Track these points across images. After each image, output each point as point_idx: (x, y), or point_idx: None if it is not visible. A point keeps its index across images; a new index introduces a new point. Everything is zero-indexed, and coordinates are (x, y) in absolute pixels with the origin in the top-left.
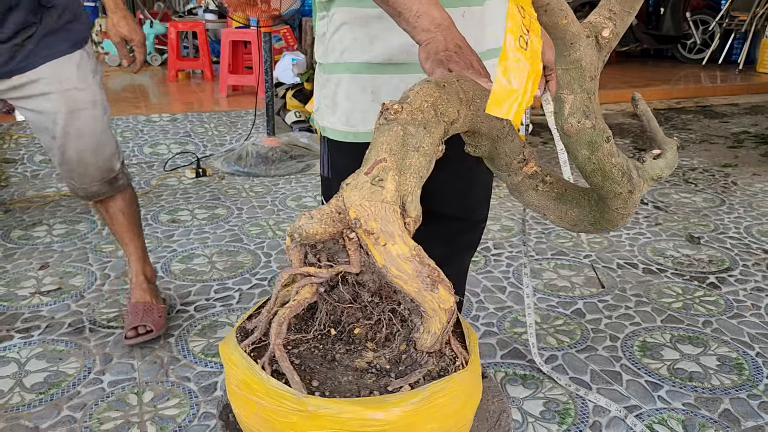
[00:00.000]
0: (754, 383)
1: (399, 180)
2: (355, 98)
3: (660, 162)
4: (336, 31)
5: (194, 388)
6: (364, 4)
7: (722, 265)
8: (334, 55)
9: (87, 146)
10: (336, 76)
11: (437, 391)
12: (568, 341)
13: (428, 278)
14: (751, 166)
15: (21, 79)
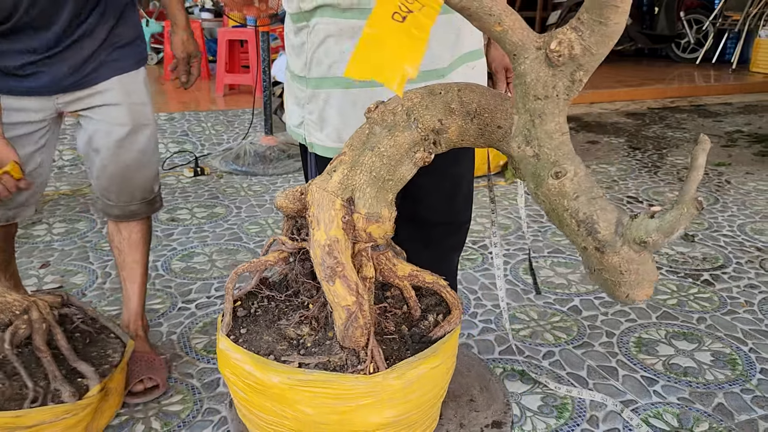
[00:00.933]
0: (747, 378)
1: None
2: (346, 113)
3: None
4: (321, 43)
5: (197, 384)
6: (349, 15)
7: (716, 262)
8: (321, 69)
9: (137, 162)
10: (324, 91)
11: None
12: (565, 337)
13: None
14: (744, 165)
15: (90, 91)
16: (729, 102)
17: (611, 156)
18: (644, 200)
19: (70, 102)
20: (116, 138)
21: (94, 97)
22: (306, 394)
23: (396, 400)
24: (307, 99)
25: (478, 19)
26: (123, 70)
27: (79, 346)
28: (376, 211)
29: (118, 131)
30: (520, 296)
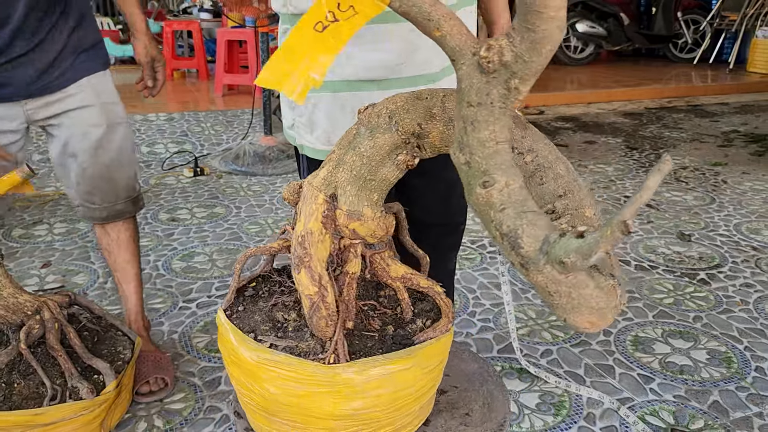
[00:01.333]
0: (742, 376)
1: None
2: (335, 117)
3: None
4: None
5: (199, 383)
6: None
7: (712, 261)
8: None
9: (116, 161)
10: (314, 96)
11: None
12: (562, 336)
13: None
14: (740, 165)
15: (60, 95)
16: (726, 102)
17: (608, 156)
18: None
19: (39, 108)
20: (93, 139)
21: (65, 101)
22: (271, 374)
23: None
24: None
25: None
26: (91, 71)
27: (89, 345)
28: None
29: (94, 132)
30: (518, 295)
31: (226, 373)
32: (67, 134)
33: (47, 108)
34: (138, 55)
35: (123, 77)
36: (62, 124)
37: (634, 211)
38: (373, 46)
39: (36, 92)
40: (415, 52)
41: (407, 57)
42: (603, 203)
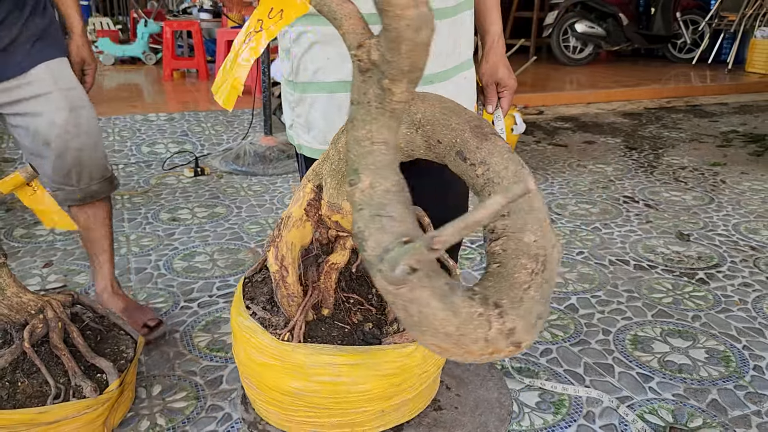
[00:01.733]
0: (740, 375)
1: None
2: (331, 117)
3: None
4: (308, 50)
5: (200, 381)
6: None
7: (711, 261)
8: (307, 74)
9: (87, 144)
10: (310, 96)
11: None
12: (562, 335)
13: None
14: (739, 165)
15: (17, 81)
16: (725, 102)
17: (608, 156)
18: (640, 200)
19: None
20: (60, 124)
21: (23, 88)
22: (242, 339)
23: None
24: (295, 102)
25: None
26: (47, 57)
27: (92, 344)
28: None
29: (59, 116)
30: None
31: (227, 372)
32: (34, 124)
33: (7, 93)
34: (71, 56)
35: (124, 76)
36: (26, 113)
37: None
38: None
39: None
40: None
41: None
42: (602, 203)
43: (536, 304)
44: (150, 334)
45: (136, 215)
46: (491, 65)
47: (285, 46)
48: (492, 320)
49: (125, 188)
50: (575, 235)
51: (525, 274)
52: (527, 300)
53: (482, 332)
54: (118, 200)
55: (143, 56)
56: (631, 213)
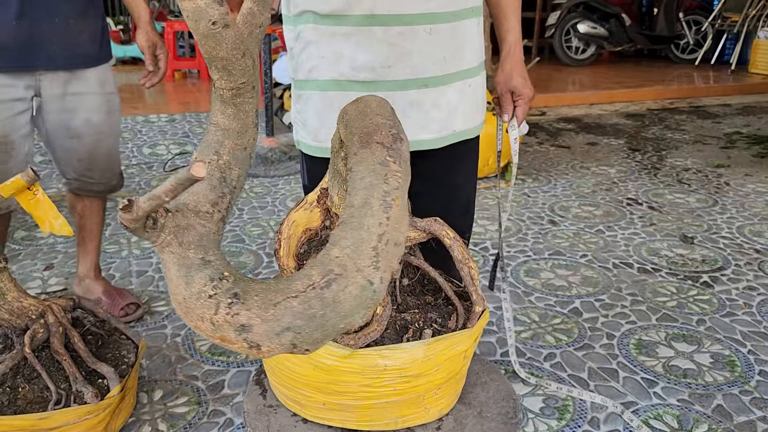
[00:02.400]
0: (745, 379)
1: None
2: (323, 115)
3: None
4: (304, 48)
5: (202, 386)
6: (329, 21)
7: (715, 264)
8: (303, 72)
9: (114, 145)
10: (306, 93)
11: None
12: (566, 339)
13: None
14: (743, 167)
15: (71, 75)
16: (728, 103)
17: (611, 158)
18: (644, 202)
19: (51, 82)
20: (95, 124)
21: (73, 83)
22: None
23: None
24: (295, 99)
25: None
26: (103, 61)
27: (93, 349)
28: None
29: (96, 117)
30: (521, 298)
31: (229, 377)
32: (69, 117)
33: (58, 86)
34: (140, 43)
35: (125, 77)
36: (65, 108)
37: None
38: (360, 47)
39: (52, 65)
40: (404, 56)
41: (395, 60)
42: (605, 206)
43: (292, 317)
44: (128, 317)
45: None
46: (506, 74)
47: (289, 45)
48: (220, 307)
49: (127, 190)
50: (579, 237)
51: (302, 285)
52: (282, 307)
53: (208, 313)
54: (119, 202)
55: None
56: (635, 215)
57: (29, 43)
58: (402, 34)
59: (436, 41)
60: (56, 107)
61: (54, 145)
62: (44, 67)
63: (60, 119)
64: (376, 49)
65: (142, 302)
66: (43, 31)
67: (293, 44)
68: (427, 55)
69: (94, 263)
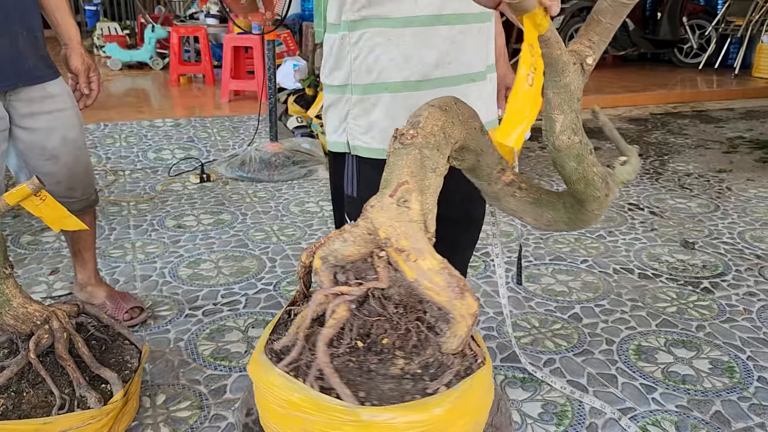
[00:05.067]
0: (744, 386)
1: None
2: (395, 116)
3: (627, 167)
4: (370, 52)
5: (204, 390)
6: (398, 23)
7: (716, 270)
8: (370, 76)
9: (89, 157)
10: (373, 96)
11: (468, 388)
12: (565, 345)
13: (457, 288)
14: (745, 172)
15: (39, 92)
16: (731, 107)
17: (614, 163)
18: (645, 207)
19: (21, 102)
20: (72, 139)
21: (45, 101)
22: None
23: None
24: (352, 105)
25: (550, 46)
26: (58, 74)
27: (97, 354)
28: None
29: (72, 132)
30: (522, 303)
31: (231, 381)
32: (44, 137)
33: (27, 104)
34: (74, 65)
35: (132, 81)
36: (38, 128)
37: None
38: (427, 47)
39: (25, 81)
40: (460, 53)
41: (453, 57)
42: (607, 211)
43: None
44: (132, 320)
45: (141, 222)
46: (501, 73)
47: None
48: None
49: (131, 195)
50: (580, 243)
51: None
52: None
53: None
54: (124, 207)
55: (150, 61)
56: (636, 220)
57: (7, 59)
58: (462, 32)
59: (482, 38)
60: (28, 127)
61: (27, 169)
62: (19, 83)
63: (33, 140)
64: (441, 48)
65: (146, 306)
66: (18, 46)
67: (348, 49)
68: (475, 52)
69: (93, 270)
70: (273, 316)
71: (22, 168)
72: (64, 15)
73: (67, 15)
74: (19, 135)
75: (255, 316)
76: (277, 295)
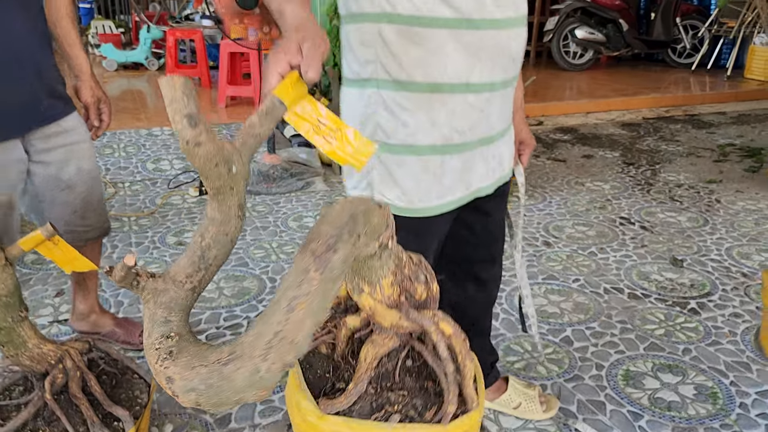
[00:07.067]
0: (726, 413)
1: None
2: (419, 178)
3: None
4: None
5: (210, 420)
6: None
7: (703, 289)
8: (397, 137)
9: (101, 186)
10: (398, 157)
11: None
12: (557, 370)
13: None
14: (734, 182)
15: (55, 128)
16: (723, 111)
17: (605, 172)
18: (636, 222)
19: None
20: (87, 170)
21: (61, 136)
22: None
23: None
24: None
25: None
26: (74, 108)
27: (108, 389)
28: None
29: (87, 164)
30: (515, 327)
31: (236, 410)
32: (59, 169)
33: (44, 140)
34: (84, 98)
35: (127, 82)
36: (53, 161)
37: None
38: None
39: (43, 122)
40: (485, 118)
41: (478, 122)
42: (599, 225)
43: (198, 381)
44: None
45: (143, 239)
46: (516, 127)
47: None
48: (159, 358)
49: (132, 209)
50: (572, 260)
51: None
52: (194, 372)
53: (152, 360)
54: (125, 222)
55: (146, 62)
56: (627, 236)
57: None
58: (488, 99)
59: (506, 101)
60: (44, 161)
61: (44, 201)
62: (34, 126)
63: (49, 172)
64: (468, 114)
65: None
66: (32, 91)
67: (374, 109)
68: (499, 114)
69: (95, 299)
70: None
71: (36, 207)
72: (74, 48)
73: (78, 48)
74: (36, 169)
75: (226, 272)
76: (245, 257)
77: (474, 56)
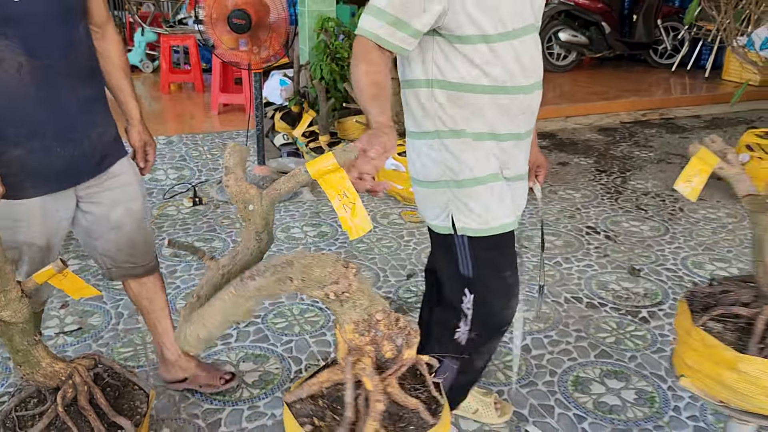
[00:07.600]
0: (660, 415)
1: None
2: (487, 203)
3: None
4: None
5: (202, 424)
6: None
7: (655, 298)
8: (463, 173)
9: (148, 227)
10: (467, 189)
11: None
12: (514, 377)
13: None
14: None
15: (108, 173)
16: (698, 114)
17: (578, 180)
18: (602, 231)
19: (89, 187)
20: (136, 210)
21: (111, 180)
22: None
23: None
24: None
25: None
26: (125, 152)
27: (111, 400)
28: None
29: (135, 205)
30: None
31: (225, 415)
32: (106, 210)
33: (96, 186)
34: (133, 141)
35: None
36: (102, 202)
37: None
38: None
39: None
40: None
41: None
42: (566, 235)
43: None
44: (227, 384)
45: None
46: (533, 154)
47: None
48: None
49: None
50: (538, 271)
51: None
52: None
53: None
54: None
55: (140, 65)
56: (591, 246)
57: (72, 162)
58: (516, 145)
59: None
60: (95, 202)
61: (93, 241)
62: (85, 179)
63: (99, 212)
64: (514, 153)
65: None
66: (84, 148)
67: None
68: (525, 157)
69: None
70: (261, 349)
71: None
72: (126, 96)
73: (130, 96)
74: (87, 208)
75: (245, 350)
76: (265, 328)
77: (505, 114)
